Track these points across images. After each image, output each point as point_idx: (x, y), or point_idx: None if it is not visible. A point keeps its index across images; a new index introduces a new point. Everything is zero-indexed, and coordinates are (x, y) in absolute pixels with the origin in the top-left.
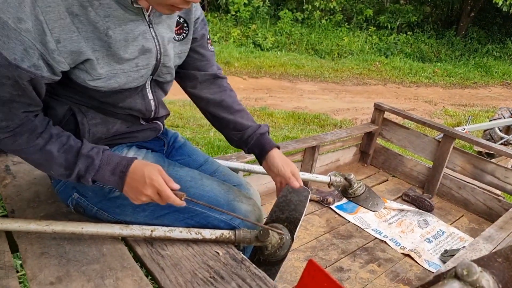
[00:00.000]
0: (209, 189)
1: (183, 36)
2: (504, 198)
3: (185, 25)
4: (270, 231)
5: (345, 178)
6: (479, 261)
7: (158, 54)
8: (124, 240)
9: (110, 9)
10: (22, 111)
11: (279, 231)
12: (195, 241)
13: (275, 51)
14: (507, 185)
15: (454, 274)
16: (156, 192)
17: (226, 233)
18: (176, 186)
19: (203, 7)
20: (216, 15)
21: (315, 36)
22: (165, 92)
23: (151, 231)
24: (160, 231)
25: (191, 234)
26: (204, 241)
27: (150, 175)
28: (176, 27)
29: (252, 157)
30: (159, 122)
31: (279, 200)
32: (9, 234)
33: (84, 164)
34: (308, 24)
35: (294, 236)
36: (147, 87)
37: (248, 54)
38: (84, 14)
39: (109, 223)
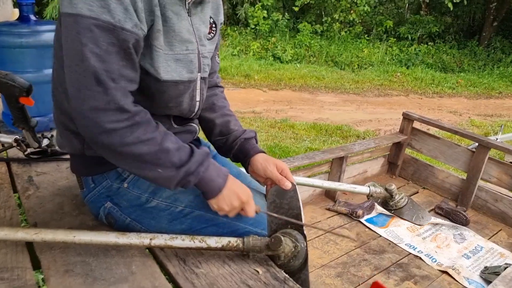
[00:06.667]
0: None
1: (211, 35)
2: None
3: (214, 25)
4: (282, 238)
5: (386, 189)
6: None
7: (196, 43)
8: (155, 257)
9: None
10: (129, 90)
11: (293, 238)
12: (231, 258)
13: (295, 63)
14: None
15: None
16: (248, 200)
17: (234, 240)
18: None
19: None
20: (235, 28)
21: (335, 48)
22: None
23: (150, 239)
24: (160, 239)
25: (194, 242)
26: (240, 258)
27: (244, 185)
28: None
29: None
30: (194, 124)
31: (270, 208)
32: (31, 250)
33: (197, 160)
34: (328, 36)
35: (304, 232)
36: (197, 87)
37: (268, 67)
38: None
39: (103, 231)
